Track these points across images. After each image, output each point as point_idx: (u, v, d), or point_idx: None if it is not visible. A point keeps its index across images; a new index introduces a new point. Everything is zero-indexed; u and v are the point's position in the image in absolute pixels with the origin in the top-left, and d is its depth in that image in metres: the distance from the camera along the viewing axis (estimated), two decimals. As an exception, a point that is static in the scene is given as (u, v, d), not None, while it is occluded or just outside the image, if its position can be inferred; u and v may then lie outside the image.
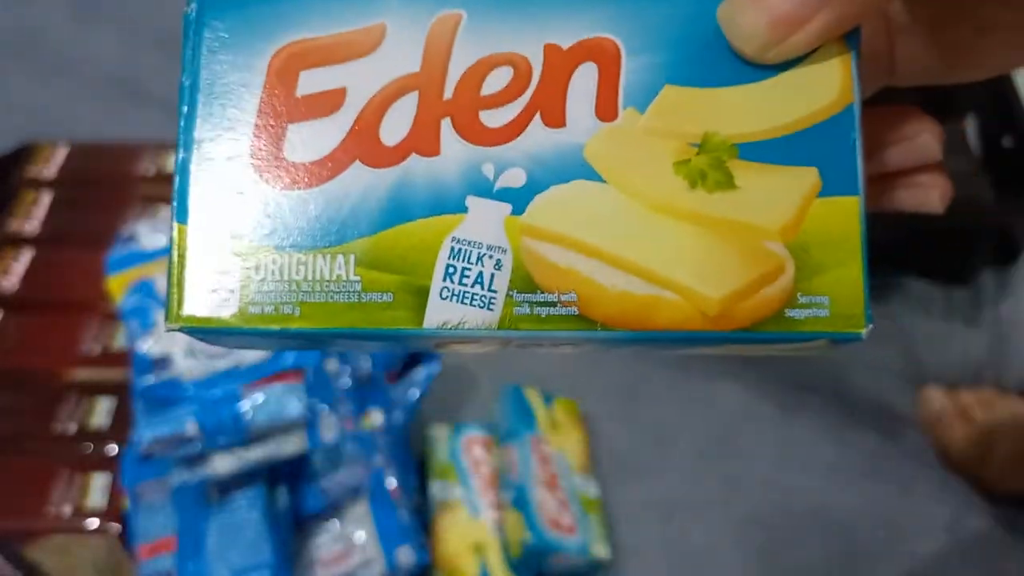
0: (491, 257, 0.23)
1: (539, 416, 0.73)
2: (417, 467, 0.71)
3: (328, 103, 0.23)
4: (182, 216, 0.23)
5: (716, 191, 0.23)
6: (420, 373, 0.72)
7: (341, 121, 0.23)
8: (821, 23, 0.21)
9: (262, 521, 0.58)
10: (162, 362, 0.57)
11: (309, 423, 0.57)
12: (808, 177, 0.23)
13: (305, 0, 0.23)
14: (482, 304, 0.23)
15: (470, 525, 0.68)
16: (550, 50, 0.23)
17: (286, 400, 0.55)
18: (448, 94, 0.23)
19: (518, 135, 0.23)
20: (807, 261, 0.23)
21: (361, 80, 0.23)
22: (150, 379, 0.56)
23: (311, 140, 0.23)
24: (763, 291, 0.22)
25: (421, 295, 0.23)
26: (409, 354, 0.73)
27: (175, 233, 0.23)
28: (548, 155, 0.23)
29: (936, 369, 0.83)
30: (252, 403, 0.55)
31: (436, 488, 0.70)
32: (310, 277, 0.23)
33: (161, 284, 0.60)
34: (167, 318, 0.23)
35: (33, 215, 0.77)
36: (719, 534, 0.74)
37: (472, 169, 0.23)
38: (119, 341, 0.68)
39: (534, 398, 0.75)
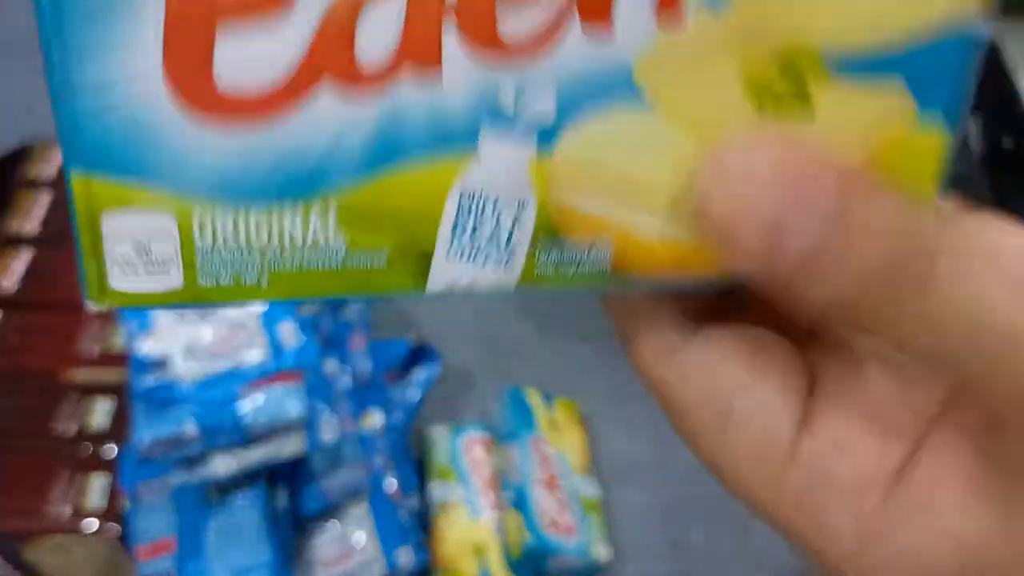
0: (510, 209, 0.18)
1: (539, 417, 0.73)
2: (417, 467, 0.71)
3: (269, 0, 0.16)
4: (80, 160, 0.16)
5: (788, 119, 0.18)
6: (420, 374, 0.72)
7: (296, 27, 0.16)
8: None
9: (262, 521, 0.58)
10: (161, 363, 0.57)
11: (309, 423, 0.57)
12: (895, 107, 0.18)
13: None
14: (498, 263, 0.18)
15: (470, 526, 0.68)
16: None
17: (286, 401, 0.55)
18: None
19: (549, 45, 0.17)
20: None
21: None
22: (149, 380, 0.56)
23: (254, 56, 0.16)
24: None
25: (423, 257, 0.18)
26: (409, 354, 0.73)
27: (74, 185, 0.17)
28: (587, 74, 0.17)
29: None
30: (252, 404, 0.55)
31: (436, 488, 0.70)
32: (275, 241, 0.17)
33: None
34: (88, 294, 0.18)
35: (33, 215, 0.77)
36: (719, 534, 0.74)
37: (486, 94, 0.17)
38: (119, 341, 0.68)
39: (534, 399, 0.74)
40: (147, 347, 0.58)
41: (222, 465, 0.56)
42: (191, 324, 0.58)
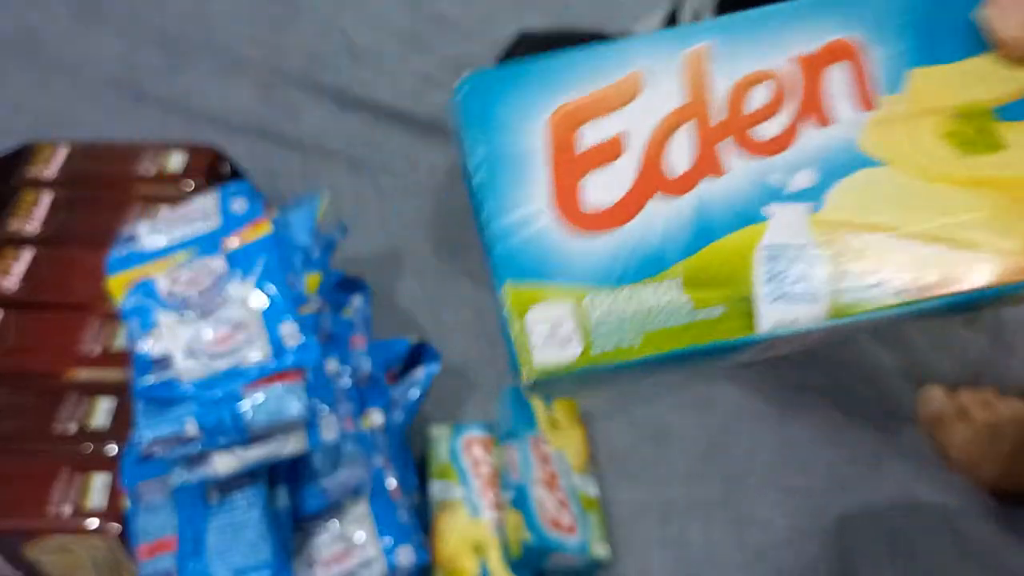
0: (804, 255, 0.25)
1: (539, 416, 0.73)
2: (417, 467, 0.71)
3: (610, 151, 0.26)
4: (508, 274, 0.25)
5: (987, 153, 0.26)
6: (420, 373, 0.72)
7: (627, 164, 0.26)
8: None
9: (262, 521, 0.58)
10: (162, 362, 0.57)
11: (309, 423, 0.57)
12: None
13: (561, 68, 0.26)
14: (809, 300, 0.25)
15: (470, 525, 0.68)
16: (799, 60, 0.26)
17: (286, 400, 0.55)
18: (717, 119, 0.26)
19: (793, 141, 0.26)
20: None
21: (633, 124, 0.26)
22: (150, 379, 0.56)
23: (604, 187, 0.26)
24: None
25: (748, 303, 0.25)
26: (409, 354, 0.73)
27: (506, 295, 0.25)
28: (827, 153, 0.26)
29: (936, 369, 0.83)
30: (252, 403, 0.55)
31: (436, 488, 0.70)
32: (642, 308, 0.25)
33: (162, 284, 0.60)
34: (522, 375, 0.25)
35: (33, 215, 0.77)
36: (719, 534, 0.74)
37: (760, 180, 0.26)
38: (119, 341, 0.68)
39: (534, 398, 0.75)
40: (148, 346, 0.58)
41: (222, 464, 0.56)
42: (192, 324, 0.58)
